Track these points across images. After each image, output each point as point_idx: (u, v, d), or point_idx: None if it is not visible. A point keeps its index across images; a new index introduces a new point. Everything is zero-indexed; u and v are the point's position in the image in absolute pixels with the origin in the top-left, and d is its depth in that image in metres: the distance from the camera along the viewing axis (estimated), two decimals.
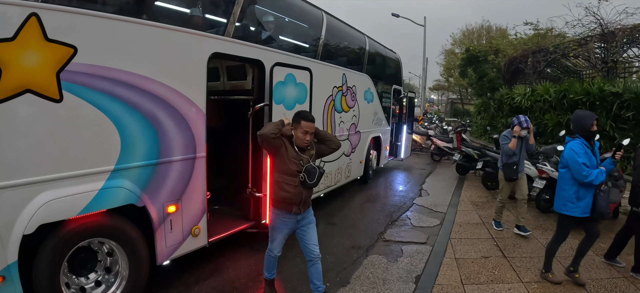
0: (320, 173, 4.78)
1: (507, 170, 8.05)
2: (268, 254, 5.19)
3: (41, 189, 3.84)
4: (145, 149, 4.74)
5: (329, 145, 5.08)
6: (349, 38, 10.88)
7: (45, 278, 4.00)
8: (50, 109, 3.81)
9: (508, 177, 8.07)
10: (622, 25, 14.93)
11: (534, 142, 8.32)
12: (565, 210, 5.71)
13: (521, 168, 8.14)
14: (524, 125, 7.77)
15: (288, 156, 4.70)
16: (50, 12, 3.73)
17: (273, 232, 5.04)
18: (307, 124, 4.72)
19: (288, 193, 4.71)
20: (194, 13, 5.75)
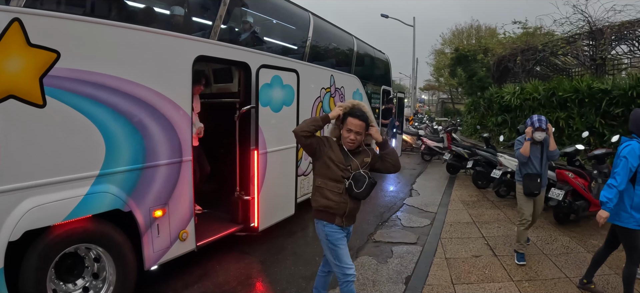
0: (370, 183, 4.14)
1: (528, 182, 6.51)
2: (345, 279, 4.26)
3: (26, 195, 3.81)
4: (131, 154, 4.72)
5: (386, 166, 4.37)
6: (336, 39, 10.88)
7: (31, 285, 3.95)
8: (34, 114, 3.78)
9: (528, 191, 6.52)
10: (611, 22, 15.00)
11: (557, 148, 6.67)
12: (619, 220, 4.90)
13: (544, 182, 6.68)
14: (536, 125, 6.39)
15: (332, 158, 4.14)
16: (33, 17, 3.70)
17: (337, 250, 4.24)
18: (353, 122, 4.12)
19: (330, 201, 4.14)
20: (179, 15, 5.74)
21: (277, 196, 7.34)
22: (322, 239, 4.31)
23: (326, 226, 4.22)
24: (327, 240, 4.22)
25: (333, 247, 4.21)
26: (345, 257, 4.22)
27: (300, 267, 6.37)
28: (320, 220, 4.26)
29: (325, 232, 4.23)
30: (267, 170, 6.93)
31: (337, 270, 4.25)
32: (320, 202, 4.18)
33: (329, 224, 4.20)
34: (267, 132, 6.68)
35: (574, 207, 8.26)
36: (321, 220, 4.25)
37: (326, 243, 4.27)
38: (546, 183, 6.82)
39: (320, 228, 4.28)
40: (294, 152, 7.77)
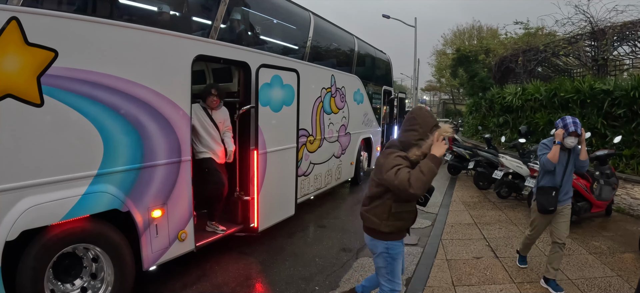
0: (432, 189, 4.19)
1: (541, 196, 5.67)
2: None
3: (23, 195, 3.78)
4: (129, 153, 4.69)
5: None
6: (337, 39, 10.85)
7: (29, 285, 3.93)
8: (31, 113, 3.75)
9: (542, 208, 5.65)
10: (612, 23, 14.99)
11: (587, 158, 5.66)
12: None
13: (563, 197, 5.69)
14: (570, 129, 5.35)
15: None
16: (31, 16, 3.68)
17: (395, 264, 4.18)
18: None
19: (407, 221, 4.13)
20: (178, 14, 5.71)
21: (277, 196, 7.32)
22: (382, 254, 4.15)
23: (399, 246, 4.14)
24: (389, 254, 4.11)
25: (393, 262, 4.14)
26: (399, 272, 4.22)
27: (300, 268, 6.34)
28: (393, 241, 4.10)
29: (394, 247, 4.11)
30: (267, 170, 6.90)
31: (386, 285, 4.20)
32: (397, 225, 4.05)
33: (401, 240, 4.16)
34: (267, 132, 6.65)
35: (575, 208, 8.21)
36: (394, 240, 4.10)
37: (386, 258, 4.13)
38: (569, 197, 5.78)
39: (394, 248, 4.11)
40: (294, 152, 7.73)
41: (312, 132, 8.90)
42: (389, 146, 4.10)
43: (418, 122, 3.83)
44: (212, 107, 6.34)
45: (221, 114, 6.56)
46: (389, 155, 3.82)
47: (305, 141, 8.58)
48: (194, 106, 5.91)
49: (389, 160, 3.76)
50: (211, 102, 6.27)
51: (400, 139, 4.00)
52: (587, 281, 5.89)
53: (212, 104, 6.29)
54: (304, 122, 8.29)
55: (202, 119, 6.24)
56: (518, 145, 10.91)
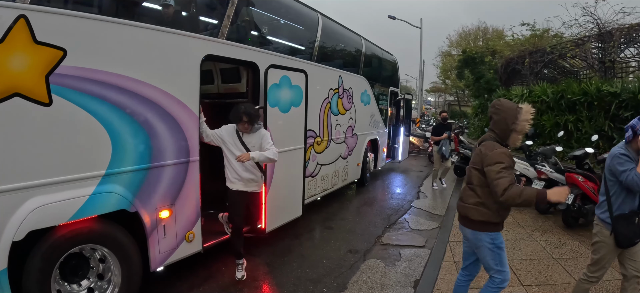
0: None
1: (623, 227, 4.25)
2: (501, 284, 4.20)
3: (30, 195, 3.77)
4: (137, 153, 4.68)
5: None
6: (345, 40, 10.84)
7: (35, 286, 3.92)
8: (40, 112, 3.74)
9: (625, 241, 4.27)
10: (620, 24, 14.90)
11: None
12: None
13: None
14: None
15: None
16: (39, 14, 3.66)
17: (502, 253, 4.19)
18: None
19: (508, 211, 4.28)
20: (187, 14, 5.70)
21: (284, 197, 7.30)
22: (486, 247, 4.19)
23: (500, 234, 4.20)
24: (495, 244, 4.16)
25: (500, 252, 4.19)
26: (506, 261, 4.25)
27: (307, 269, 6.31)
28: (498, 232, 4.18)
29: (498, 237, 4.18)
30: (275, 171, 6.88)
31: (497, 276, 4.22)
32: (504, 215, 4.19)
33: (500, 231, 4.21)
34: (275, 132, 6.61)
35: (583, 211, 8.18)
36: (498, 231, 4.18)
37: (493, 249, 4.18)
38: None
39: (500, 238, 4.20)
40: (302, 153, 7.70)
41: (320, 133, 8.88)
42: (485, 140, 4.18)
43: (502, 108, 4.06)
44: (244, 131, 5.68)
45: (256, 138, 5.72)
46: (494, 149, 3.95)
47: (312, 142, 8.56)
48: (227, 127, 5.71)
49: (494, 154, 3.91)
50: (242, 127, 5.64)
51: (494, 130, 4.14)
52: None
53: (244, 129, 5.65)
54: (311, 122, 8.28)
55: (230, 143, 5.63)
56: (524, 147, 10.86)
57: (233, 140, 5.60)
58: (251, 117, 5.47)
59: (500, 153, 3.89)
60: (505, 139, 4.06)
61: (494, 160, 3.87)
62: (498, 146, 3.98)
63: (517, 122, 3.96)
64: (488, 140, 4.13)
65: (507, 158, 3.87)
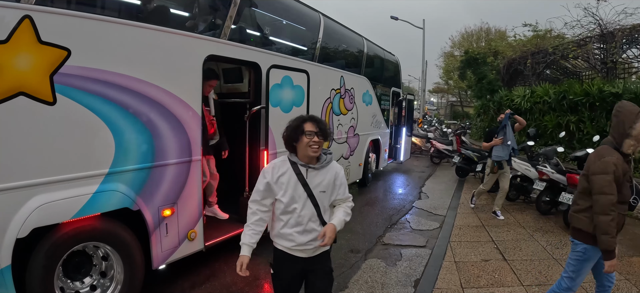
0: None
1: None
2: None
3: (34, 192, 3.81)
4: (140, 152, 4.71)
5: None
6: (347, 40, 10.87)
7: (38, 283, 3.96)
8: (44, 111, 3.78)
9: None
10: (621, 25, 14.92)
11: None
12: None
13: None
14: None
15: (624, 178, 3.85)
16: (44, 15, 3.70)
17: (583, 266, 4.12)
18: None
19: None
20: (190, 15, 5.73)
21: None
22: (577, 252, 4.10)
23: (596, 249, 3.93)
24: (584, 255, 4.05)
25: (583, 263, 4.09)
26: (583, 276, 4.17)
27: None
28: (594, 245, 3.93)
29: (590, 251, 4.00)
30: None
31: (565, 281, 4.20)
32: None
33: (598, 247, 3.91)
34: (277, 132, 6.65)
35: None
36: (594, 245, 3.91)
37: (579, 257, 4.09)
38: None
39: (593, 251, 3.99)
40: None
41: None
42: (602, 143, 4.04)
43: (622, 110, 3.83)
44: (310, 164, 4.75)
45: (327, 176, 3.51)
46: (602, 156, 3.83)
47: None
48: (277, 165, 3.45)
49: (600, 164, 3.81)
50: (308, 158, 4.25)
51: (612, 134, 3.95)
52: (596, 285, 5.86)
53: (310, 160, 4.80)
54: None
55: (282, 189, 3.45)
56: (526, 147, 10.86)
57: (291, 186, 3.36)
58: (325, 133, 3.36)
59: (607, 162, 3.75)
60: (620, 145, 3.84)
61: (599, 169, 3.78)
62: (609, 153, 3.81)
63: (634, 126, 3.71)
64: (602, 145, 3.99)
65: (612, 168, 3.72)
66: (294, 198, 3.33)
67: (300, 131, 3.28)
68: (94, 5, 4.59)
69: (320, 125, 3.32)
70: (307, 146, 3.25)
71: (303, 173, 3.37)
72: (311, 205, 3.36)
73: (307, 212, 3.35)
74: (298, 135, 3.30)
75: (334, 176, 3.50)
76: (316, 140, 3.25)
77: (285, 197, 3.33)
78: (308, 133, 3.25)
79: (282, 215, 3.41)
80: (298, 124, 3.33)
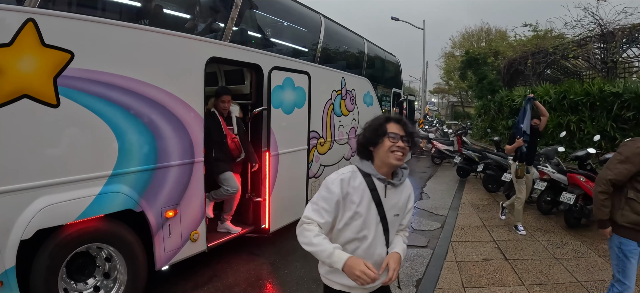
0: None
1: None
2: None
3: (38, 194, 3.84)
4: (143, 154, 4.74)
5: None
6: (347, 41, 10.87)
7: (42, 284, 3.98)
8: (47, 114, 3.81)
9: None
10: (622, 25, 14.94)
11: None
12: None
13: None
14: None
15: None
16: (47, 18, 3.73)
17: (628, 263, 3.97)
18: None
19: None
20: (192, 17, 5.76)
21: (288, 198, 7.35)
22: (613, 249, 4.06)
23: (635, 244, 3.89)
24: (621, 250, 3.97)
25: (626, 261, 3.96)
26: (633, 274, 3.99)
27: (310, 269, 6.34)
28: (628, 238, 3.89)
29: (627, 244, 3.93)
30: (279, 172, 6.95)
31: (616, 285, 4.08)
32: (632, 219, 3.83)
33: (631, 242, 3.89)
34: (279, 133, 6.68)
35: (585, 211, 8.20)
36: (629, 238, 3.89)
37: (618, 255, 4.01)
38: None
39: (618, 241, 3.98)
40: (306, 154, 7.78)
41: (323, 134, 8.92)
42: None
43: None
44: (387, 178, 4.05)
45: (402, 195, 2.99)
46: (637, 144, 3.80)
47: (316, 143, 8.61)
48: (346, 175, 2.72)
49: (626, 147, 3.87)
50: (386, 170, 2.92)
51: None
52: (597, 283, 5.87)
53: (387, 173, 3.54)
54: (314, 124, 8.31)
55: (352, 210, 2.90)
56: None
57: (363, 205, 2.68)
58: (412, 139, 2.74)
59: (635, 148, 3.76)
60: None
61: (621, 149, 3.87)
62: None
63: None
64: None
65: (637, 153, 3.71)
66: (367, 222, 2.67)
67: (382, 132, 2.67)
68: (96, 8, 4.62)
69: (407, 128, 2.71)
70: (389, 152, 2.62)
71: (379, 190, 2.70)
72: (381, 232, 2.74)
73: (378, 241, 2.73)
74: (378, 137, 2.67)
75: (407, 197, 2.92)
76: (401, 145, 2.63)
77: (356, 220, 2.66)
78: (392, 135, 2.63)
79: (348, 244, 2.69)
80: (379, 123, 2.72)
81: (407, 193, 2.88)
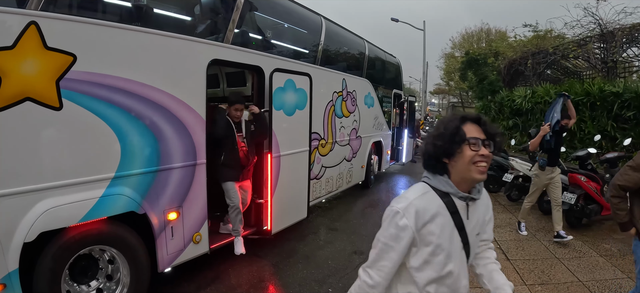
0: None
1: None
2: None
3: (42, 197, 3.83)
4: (146, 156, 4.73)
5: None
6: (348, 43, 10.89)
7: (46, 286, 3.98)
8: (50, 116, 3.81)
9: None
10: (621, 25, 14.97)
11: None
12: None
13: None
14: None
15: None
16: (50, 21, 3.73)
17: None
18: None
19: None
20: (193, 20, 5.76)
21: (290, 199, 7.35)
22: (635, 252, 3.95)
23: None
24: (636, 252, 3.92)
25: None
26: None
27: (312, 270, 6.36)
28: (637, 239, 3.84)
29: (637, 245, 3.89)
30: (280, 173, 6.94)
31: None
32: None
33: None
34: (281, 135, 6.69)
35: (586, 211, 8.19)
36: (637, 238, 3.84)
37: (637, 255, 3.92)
38: None
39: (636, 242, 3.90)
40: (307, 156, 7.78)
41: (324, 136, 8.94)
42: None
43: None
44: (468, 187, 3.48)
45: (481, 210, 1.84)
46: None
47: (317, 144, 8.63)
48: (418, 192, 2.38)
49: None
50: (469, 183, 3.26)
51: None
52: (598, 283, 5.88)
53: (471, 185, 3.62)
54: (316, 125, 8.33)
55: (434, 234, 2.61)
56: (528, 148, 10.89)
57: (445, 235, 2.14)
58: (495, 141, 2.15)
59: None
60: None
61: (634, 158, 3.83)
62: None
63: None
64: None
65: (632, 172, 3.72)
66: (450, 254, 2.11)
67: (460, 138, 2.07)
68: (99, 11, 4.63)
69: (488, 129, 2.12)
70: (471, 164, 2.04)
71: (460, 211, 2.15)
72: (465, 261, 2.24)
73: (462, 272, 2.22)
74: (455, 145, 2.07)
75: (486, 207, 2.38)
76: (485, 153, 2.04)
77: (438, 255, 2.08)
78: (473, 142, 2.05)
79: (428, 286, 2.13)
80: (455, 127, 2.10)
81: (485, 203, 2.35)
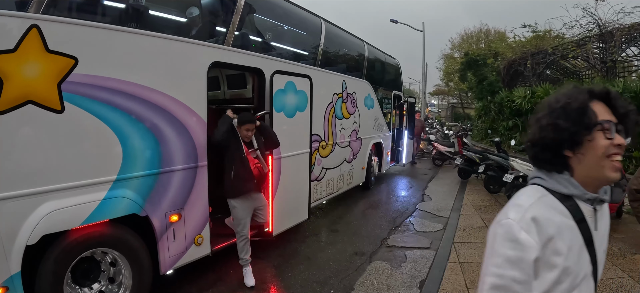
0: None
1: None
2: None
3: (44, 200, 3.84)
4: (147, 159, 4.73)
5: None
6: (348, 45, 10.91)
7: (48, 289, 3.98)
8: (52, 119, 3.81)
9: None
10: (620, 24, 14.98)
11: None
12: None
13: None
14: None
15: None
16: (51, 24, 3.74)
17: None
18: None
19: None
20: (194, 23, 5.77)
21: (291, 201, 7.34)
22: None
23: None
24: None
25: None
26: None
27: (314, 271, 6.37)
28: None
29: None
30: (281, 175, 6.94)
31: None
32: None
33: None
34: (281, 137, 6.68)
35: None
36: None
37: None
38: None
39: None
40: (308, 157, 7.77)
41: (325, 137, 8.95)
42: None
43: None
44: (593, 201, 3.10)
45: None
46: None
47: (317, 146, 8.63)
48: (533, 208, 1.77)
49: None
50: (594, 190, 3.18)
51: None
52: (599, 282, 5.88)
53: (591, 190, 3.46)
54: (316, 127, 8.33)
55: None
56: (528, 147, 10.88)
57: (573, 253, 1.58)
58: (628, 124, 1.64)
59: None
60: None
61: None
62: None
63: None
64: None
65: None
66: (577, 279, 1.59)
67: (589, 121, 1.54)
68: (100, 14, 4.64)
69: (619, 107, 1.62)
70: (605, 157, 1.55)
71: (588, 219, 1.65)
72: (592, 287, 1.70)
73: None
74: (582, 130, 1.55)
75: (607, 211, 1.89)
76: (622, 142, 1.57)
77: (563, 282, 1.55)
78: (607, 127, 1.54)
79: None
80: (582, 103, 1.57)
81: (606, 208, 1.85)
